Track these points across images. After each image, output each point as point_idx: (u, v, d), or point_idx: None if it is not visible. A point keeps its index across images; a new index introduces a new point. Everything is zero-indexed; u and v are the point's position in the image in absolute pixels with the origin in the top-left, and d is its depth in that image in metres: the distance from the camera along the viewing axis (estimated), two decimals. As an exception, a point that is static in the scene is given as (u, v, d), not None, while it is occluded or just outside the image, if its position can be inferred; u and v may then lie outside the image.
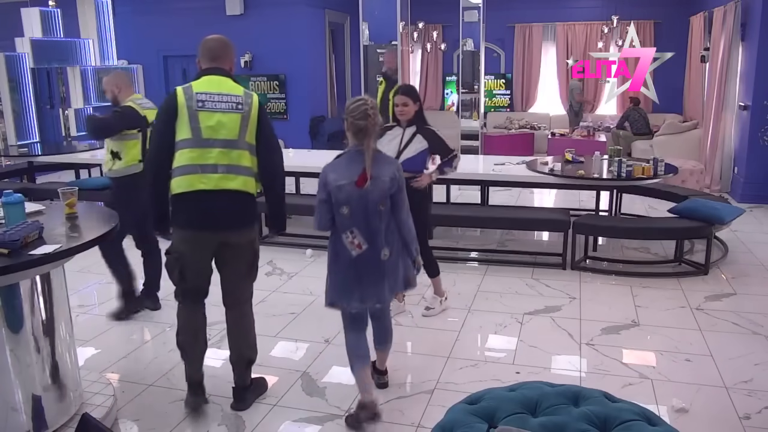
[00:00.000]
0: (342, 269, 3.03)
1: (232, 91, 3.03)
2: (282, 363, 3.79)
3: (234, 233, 3.07)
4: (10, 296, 2.65)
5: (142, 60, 11.45)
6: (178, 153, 2.95)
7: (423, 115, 4.08)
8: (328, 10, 11.52)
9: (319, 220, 2.99)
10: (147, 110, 4.25)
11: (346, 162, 2.96)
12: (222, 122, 2.96)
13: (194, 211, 2.97)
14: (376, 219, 2.94)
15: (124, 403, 3.32)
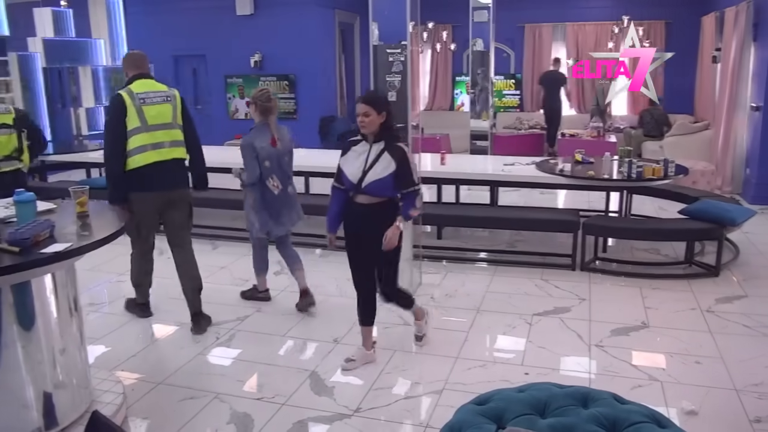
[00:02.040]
0: (269, 205, 4.35)
1: (160, 89, 4.11)
2: (290, 362, 3.80)
3: (178, 191, 4.15)
4: (21, 294, 2.67)
5: (152, 60, 11.46)
6: (132, 139, 3.90)
7: (392, 129, 3.44)
8: (338, 10, 11.53)
9: (250, 175, 4.26)
10: None
11: (260, 133, 4.29)
12: (160, 111, 4.01)
13: (151, 177, 3.96)
14: (285, 167, 4.35)
15: (133, 400, 3.33)
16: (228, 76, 11.46)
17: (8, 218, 2.94)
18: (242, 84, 11.43)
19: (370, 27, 4.60)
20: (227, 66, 11.38)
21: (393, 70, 4.62)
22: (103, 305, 4.77)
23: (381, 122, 3.34)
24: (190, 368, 3.71)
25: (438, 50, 12.80)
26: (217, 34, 11.19)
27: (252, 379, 3.58)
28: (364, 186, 3.37)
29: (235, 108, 11.55)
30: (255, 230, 4.46)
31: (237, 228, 6.52)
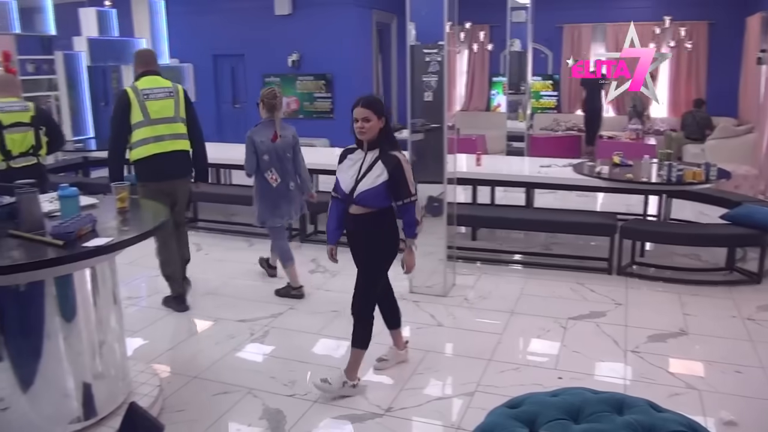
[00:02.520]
0: (267, 197, 4.64)
1: (164, 85, 4.40)
2: (323, 360, 3.82)
3: (180, 180, 4.48)
4: (64, 286, 2.75)
5: (192, 59, 11.67)
6: (136, 132, 4.23)
7: (390, 135, 3.27)
8: (376, 10, 11.55)
9: (249, 166, 4.59)
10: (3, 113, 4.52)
11: (264, 128, 4.59)
12: (163, 106, 4.31)
13: (154, 168, 4.29)
14: (285, 162, 4.62)
15: (169, 393, 3.39)
16: (266, 75, 11.57)
17: (53, 212, 3.03)
18: (280, 83, 11.53)
19: (408, 27, 4.60)
20: (265, 65, 11.49)
21: (429, 71, 4.61)
22: (141, 299, 4.86)
23: (380, 128, 3.19)
24: (225, 363, 3.76)
25: (475, 50, 12.72)
26: (255, 34, 11.32)
27: (284, 376, 3.61)
28: (356, 196, 3.19)
29: (272, 107, 11.67)
30: (257, 217, 4.79)
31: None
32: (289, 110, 11.57)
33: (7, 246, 2.65)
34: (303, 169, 4.80)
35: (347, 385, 3.37)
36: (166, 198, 4.24)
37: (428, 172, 4.71)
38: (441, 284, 4.79)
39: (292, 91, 11.47)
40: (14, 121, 4.54)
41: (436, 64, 4.58)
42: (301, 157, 4.78)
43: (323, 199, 6.52)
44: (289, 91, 11.50)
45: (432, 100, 4.61)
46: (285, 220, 4.79)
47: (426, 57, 4.58)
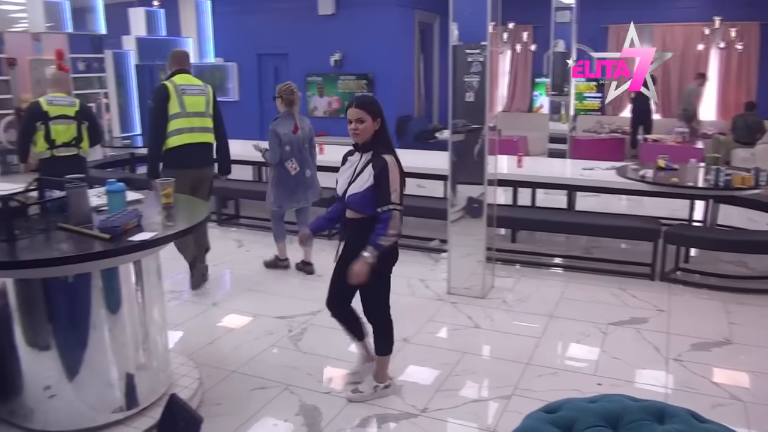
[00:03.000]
0: (286, 184, 5.00)
1: (197, 83, 4.83)
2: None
3: (205, 169, 4.87)
4: (109, 279, 2.82)
5: (237, 58, 11.86)
6: (172, 122, 4.61)
7: (385, 138, 3.15)
8: (418, 10, 11.54)
9: (272, 156, 4.95)
10: (51, 106, 5.10)
11: (284, 121, 4.97)
12: (196, 101, 4.72)
13: (185, 156, 4.66)
14: (304, 152, 5.03)
15: (208, 386, 3.45)
16: (308, 74, 11.68)
17: (100, 206, 3.11)
18: (322, 83, 11.62)
19: (450, 27, 4.58)
20: (308, 65, 11.60)
21: (472, 71, 4.58)
22: (183, 293, 4.96)
23: (375, 129, 3.08)
24: (263, 359, 3.81)
25: (518, 51, 12.59)
26: (299, 34, 11.43)
27: (322, 373, 3.64)
28: (347, 199, 3.10)
29: (314, 106, 11.75)
30: (269, 203, 5.18)
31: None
32: (331, 109, 11.65)
33: (57, 238, 2.74)
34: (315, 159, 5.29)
35: (379, 388, 3.35)
36: (188, 184, 4.55)
37: (469, 173, 4.69)
38: (479, 286, 4.76)
39: (334, 90, 11.55)
40: (59, 114, 5.06)
41: (479, 65, 4.55)
42: (315, 147, 5.27)
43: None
44: (331, 91, 11.58)
45: (474, 101, 4.57)
46: (301, 204, 5.21)
47: (468, 57, 4.56)
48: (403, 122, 11.19)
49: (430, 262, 5.66)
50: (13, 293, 2.72)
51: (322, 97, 11.65)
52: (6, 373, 2.82)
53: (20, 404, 2.83)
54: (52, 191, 3.06)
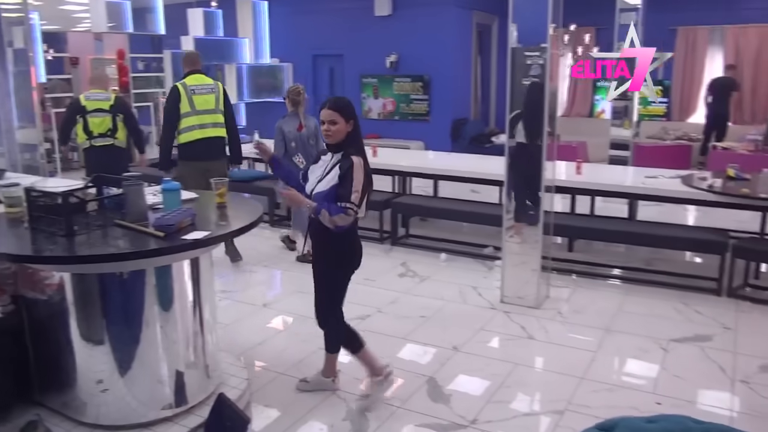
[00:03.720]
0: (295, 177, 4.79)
1: (208, 82, 5.41)
2: (409, 366, 3.82)
3: (216, 162, 5.37)
4: (163, 276, 2.89)
5: (293, 59, 12.04)
6: (184, 119, 5.22)
7: (357, 140, 3.15)
8: (476, 11, 11.48)
9: (278, 152, 5.30)
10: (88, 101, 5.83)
11: (290, 119, 5.49)
12: (206, 100, 5.32)
13: (197, 150, 5.27)
14: (309, 148, 5.45)
15: (256, 387, 3.50)
16: (363, 75, 11.76)
17: (156, 205, 3.20)
18: (377, 84, 11.68)
19: (509, 29, 4.53)
20: (363, 66, 11.68)
21: (530, 74, 4.52)
22: (234, 293, 5.05)
23: (348, 131, 3.09)
24: (311, 361, 3.84)
25: (579, 53, 12.37)
26: (355, 35, 11.52)
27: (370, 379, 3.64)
28: (312, 197, 3.12)
29: (368, 108, 11.82)
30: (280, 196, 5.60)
31: (365, 227, 6.66)
32: (385, 111, 11.69)
33: (113, 235, 2.83)
34: None
35: (325, 381, 3.50)
36: (201, 175, 4.99)
37: (526, 179, 4.63)
38: (534, 296, 4.69)
39: (389, 92, 11.58)
40: (96, 108, 5.77)
41: (538, 68, 4.49)
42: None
43: (413, 201, 6.58)
44: (386, 92, 11.62)
45: (532, 105, 4.51)
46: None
47: (527, 60, 4.50)
48: (458, 125, 11.14)
49: (484, 269, 5.61)
50: (70, 287, 2.82)
51: (377, 98, 11.70)
52: (61, 365, 2.93)
53: (73, 397, 2.93)
54: (110, 188, 3.16)
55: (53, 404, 3.03)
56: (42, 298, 2.95)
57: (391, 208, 6.33)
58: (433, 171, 6.63)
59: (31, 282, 2.97)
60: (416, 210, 6.60)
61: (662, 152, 10.20)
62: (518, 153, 4.66)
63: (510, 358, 3.91)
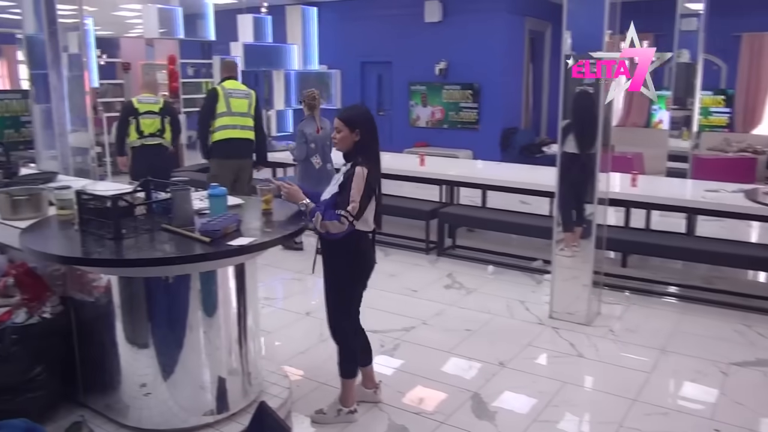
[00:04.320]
0: (311, 176, 5.90)
1: (242, 88, 6.16)
2: (453, 380, 3.79)
3: (245, 160, 6.12)
4: (207, 282, 2.95)
5: (341, 65, 12.16)
6: (219, 119, 5.90)
7: (365, 150, 3.13)
8: (529, 18, 11.40)
9: (299, 153, 5.99)
10: (140, 104, 6.38)
11: (309, 122, 6.00)
12: (241, 103, 6.00)
13: (227, 149, 5.94)
14: (326, 149, 6.02)
15: (297, 397, 3.52)
16: (412, 83, 11.79)
17: (202, 210, 3.26)
18: (425, 92, 11.69)
19: (563, 35, 4.48)
20: (412, 73, 11.71)
21: (585, 82, 4.46)
22: (278, 300, 5.11)
23: (355, 141, 3.11)
24: (353, 372, 3.84)
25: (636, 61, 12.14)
26: (404, 41, 11.57)
27: (412, 392, 3.63)
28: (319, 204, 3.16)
29: (416, 116, 11.84)
30: None
31: (411, 237, 6.68)
32: (434, 120, 11.70)
33: (160, 239, 2.90)
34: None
35: (343, 412, 3.33)
36: (230, 172, 5.92)
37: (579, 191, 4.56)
38: (584, 312, 4.61)
39: (438, 100, 11.58)
40: (146, 110, 6.33)
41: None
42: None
43: (460, 212, 6.54)
44: (435, 100, 11.62)
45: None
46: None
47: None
48: (508, 135, 11.06)
49: (532, 283, 5.54)
50: (117, 290, 2.90)
51: (426, 106, 11.71)
52: (106, 367, 3.00)
53: (117, 399, 3.01)
54: (158, 192, 3.24)
55: (97, 406, 3.11)
56: (89, 300, 3.04)
57: (438, 218, 6.31)
58: (482, 181, 6.58)
59: (80, 284, 3.07)
60: (464, 220, 6.57)
61: (724, 165, 9.91)
62: (569, 163, 4.60)
63: (558, 375, 3.84)
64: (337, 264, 3.21)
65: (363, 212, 3.06)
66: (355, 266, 3.23)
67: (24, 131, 6.97)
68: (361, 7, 11.88)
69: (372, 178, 3.09)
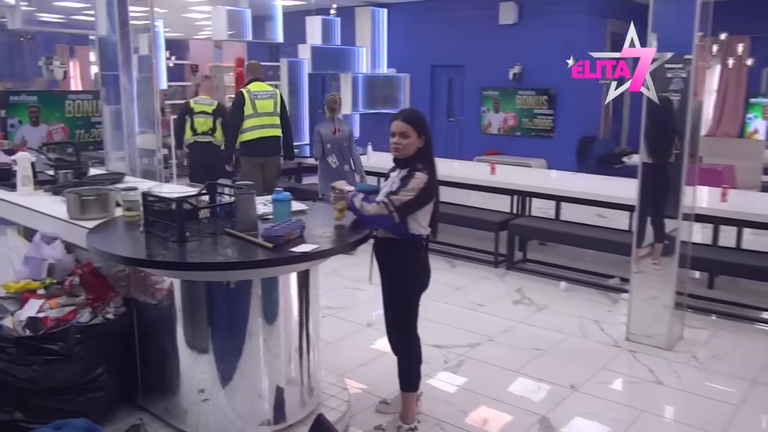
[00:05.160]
0: (328, 176, 6.34)
1: (267, 89, 6.86)
2: (519, 402, 3.73)
3: (273, 157, 6.87)
4: (269, 288, 3.00)
5: (410, 69, 12.22)
6: (247, 120, 6.65)
7: (427, 157, 3.12)
8: (611, 19, 11.15)
9: (316, 151, 6.66)
10: (196, 104, 7.46)
11: (327, 124, 6.60)
12: (266, 104, 6.73)
13: (257, 147, 6.69)
14: (343, 150, 6.58)
15: (356, 411, 3.54)
16: (484, 88, 11.73)
17: (266, 215, 3.33)
18: (498, 97, 11.61)
19: (648, 38, 4.37)
20: (484, 78, 11.65)
21: (671, 89, 4.34)
22: (339, 310, 5.15)
23: (418, 147, 3.08)
24: (415, 388, 3.83)
25: (730, 66, 11.71)
26: (477, 44, 11.52)
27: (476, 412, 3.60)
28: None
29: (488, 122, 11.76)
30: (319, 190, 6.81)
31: (479, 249, 6.63)
32: (506, 126, 11.59)
33: (223, 243, 2.97)
34: (356, 156, 6.77)
35: (403, 429, 3.32)
36: (260, 169, 6.69)
37: (661, 205, 4.44)
38: (665, 335, 4.46)
39: (511, 106, 11.48)
40: (201, 110, 7.37)
41: (680, 81, 4.30)
42: (354, 147, 6.74)
43: (532, 224, 6.44)
44: (508, 106, 11.52)
45: (672, 123, 4.33)
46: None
47: (668, 73, 4.32)
48: (585, 144, 10.85)
49: (608, 302, 5.40)
50: (179, 293, 2.99)
51: (498, 112, 11.62)
52: (165, 371, 3.10)
53: (175, 404, 3.10)
54: (222, 196, 3.33)
55: (155, 409, 3.21)
56: (152, 302, 3.15)
57: (508, 229, 6.24)
58: (556, 191, 6.47)
59: (143, 285, 3.18)
60: (535, 233, 6.47)
61: (827, 180, 9.43)
62: (649, 174, 4.49)
63: (635, 403, 3.72)
64: (396, 271, 3.22)
65: (411, 212, 3.07)
66: (414, 273, 3.25)
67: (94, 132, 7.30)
68: (432, 9, 11.90)
69: (433, 184, 3.10)
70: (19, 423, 2.85)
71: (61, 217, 3.54)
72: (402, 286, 3.25)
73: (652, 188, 4.50)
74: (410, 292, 3.27)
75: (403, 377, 3.36)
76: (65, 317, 3.08)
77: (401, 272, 3.22)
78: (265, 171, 6.79)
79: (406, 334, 3.34)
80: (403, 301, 3.29)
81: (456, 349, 4.42)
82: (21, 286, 3.29)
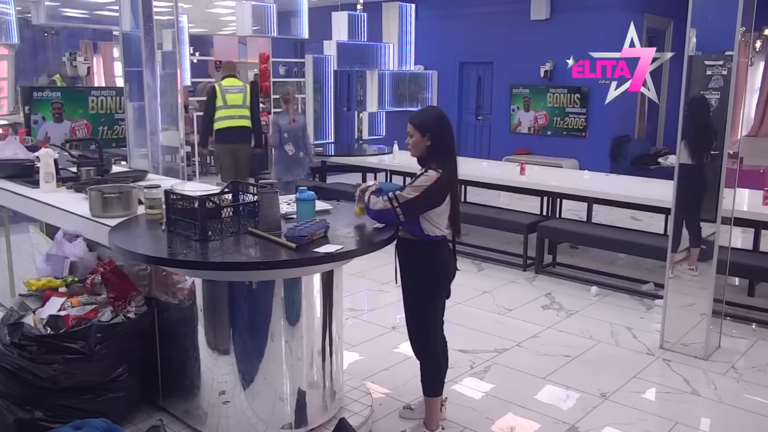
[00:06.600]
0: (284, 162, 7.45)
1: (238, 84, 8.14)
2: (548, 410, 3.71)
3: (242, 145, 8.07)
4: (291, 289, 3.02)
5: (438, 66, 12.19)
6: (218, 112, 7.90)
7: (438, 154, 3.13)
8: (648, 14, 11.02)
9: (274, 140, 7.46)
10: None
11: (284, 115, 7.50)
12: (236, 97, 7.97)
13: (227, 135, 7.94)
14: (298, 138, 7.49)
15: (379, 416, 3.54)
16: (514, 86, 11.65)
17: (289, 214, 3.35)
18: (528, 95, 11.53)
19: (687, 34, 4.31)
20: (514, 75, 11.57)
21: (711, 86, 4.28)
22: (363, 312, 5.16)
23: (426, 145, 3.13)
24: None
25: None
26: (507, 41, 11.45)
27: (503, 420, 3.58)
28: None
29: (518, 121, 11.68)
30: (273, 174, 7.56)
31: (507, 251, 6.60)
32: (537, 126, 11.51)
33: (245, 243, 2.99)
34: (309, 144, 7.81)
35: None
36: (231, 155, 7.97)
37: (699, 208, 4.38)
38: (702, 344, 4.39)
39: (542, 104, 11.39)
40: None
41: (720, 79, 4.24)
42: (307, 136, 7.76)
43: (562, 226, 6.39)
44: (538, 105, 11.44)
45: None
46: (294, 177, 7.40)
47: (708, 70, 4.26)
48: (619, 144, 10.74)
49: (641, 308, 5.34)
50: (200, 293, 3.02)
51: (528, 111, 11.54)
52: (186, 372, 3.13)
53: (195, 406, 3.13)
54: (245, 195, 3.35)
55: (175, 411, 3.25)
56: (173, 301, 3.18)
57: (538, 232, 6.20)
58: (588, 193, 6.41)
59: (165, 285, 3.22)
60: (566, 236, 6.42)
61: None
62: (684, 175, 4.44)
63: (669, 414, 3.68)
64: (414, 273, 3.23)
65: (416, 211, 3.08)
66: (432, 275, 3.24)
67: (117, 129, 7.39)
68: (461, 4, 11.86)
69: (443, 183, 3.09)
70: (40, 422, 2.90)
71: (84, 215, 3.60)
72: (419, 287, 3.26)
73: (690, 190, 4.45)
74: (427, 293, 3.27)
75: (425, 382, 3.36)
76: (86, 316, 3.12)
77: (418, 272, 3.23)
78: (236, 157, 7.99)
79: (426, 338, 3.33)
80: (421, 302, 3.29)
81: (482, 354, 4.40)
82: (42, 284, 3.34)
